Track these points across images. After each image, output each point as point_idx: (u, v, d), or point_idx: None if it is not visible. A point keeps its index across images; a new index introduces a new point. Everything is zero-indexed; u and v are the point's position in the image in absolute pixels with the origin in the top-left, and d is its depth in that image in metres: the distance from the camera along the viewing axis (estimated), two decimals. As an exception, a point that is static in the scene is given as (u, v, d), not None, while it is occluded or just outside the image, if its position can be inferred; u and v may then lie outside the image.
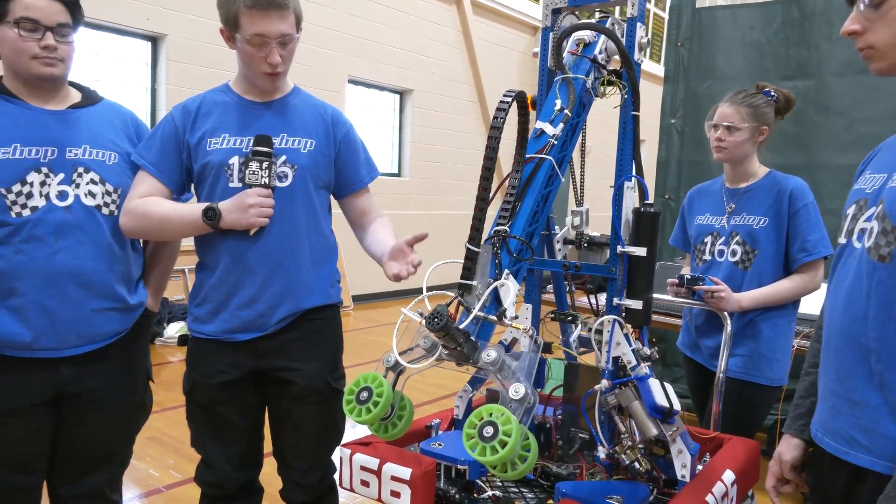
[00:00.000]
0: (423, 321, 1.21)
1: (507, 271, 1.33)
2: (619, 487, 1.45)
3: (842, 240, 1.16)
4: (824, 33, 3.44)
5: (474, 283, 1.25)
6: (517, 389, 1.16)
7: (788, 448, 1.30)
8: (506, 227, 1.32)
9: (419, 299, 1.39)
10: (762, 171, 2.13)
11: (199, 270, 1.72)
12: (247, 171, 1.59)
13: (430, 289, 1.31)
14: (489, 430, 1.10)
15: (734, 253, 2.11)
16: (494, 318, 1.24)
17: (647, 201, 1.53)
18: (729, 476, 1.57)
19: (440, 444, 1.62)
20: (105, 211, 1.66)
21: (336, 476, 1.85)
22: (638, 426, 1.48)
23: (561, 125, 1.43)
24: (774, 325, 2.05)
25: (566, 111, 1.44)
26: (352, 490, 1.57)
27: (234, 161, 1.62)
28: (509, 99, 1.27)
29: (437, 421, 1.75)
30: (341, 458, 1.62)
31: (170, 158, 1.67)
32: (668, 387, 1.50)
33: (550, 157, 1.41)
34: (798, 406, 1.32)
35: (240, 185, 1.62)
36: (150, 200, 1.63)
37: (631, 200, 1.57)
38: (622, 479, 1.52)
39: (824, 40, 3.45)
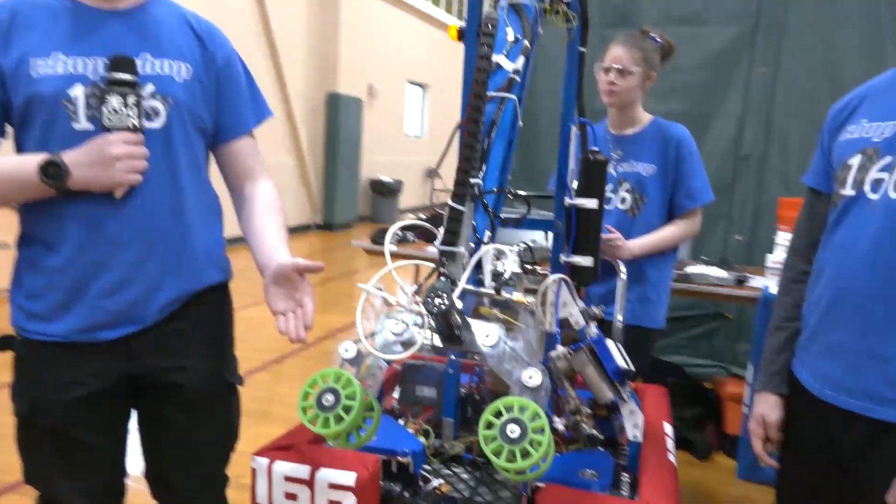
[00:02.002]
0: (420, 301, 0.97)
1: (488, 234, 1.13)
2: (583, 459, 1.36)
3: (848, 191, 1.13)
4: (646, -18, 3.60)
5: (461, 249, 1.02)
6: (532, 375, 0.97)
7: (770, 407, 1.29)
8: (479, 181, 1.10)
9: (384, 272, 1.12)
10: (646, 117, 2.13)
11: (28, 247, 1.22)
12: (105, 109, 1.13)
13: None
14: (515, 430, 0.90)
15: (623, 200, 2.10)
16: (490, 291, 1.03)
17: (592, 148, 1.41)
18: (668, 428, 1.56)
19: (369, 435, 1.39)
20: None
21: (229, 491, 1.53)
22: (593, 391, 1.39)
23: (521, 59, 1.23)
24: (659, 269, 2.11)
25: (524, 42, 1.24)
26: (270, 506, 1.28)
27: (78, 92, 1.15)
28: (495, 20, 1.03)
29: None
30: (254, 469, 1.31)
31: None
32: (620, 347, 1.42)
33: (514, 97, 1.21)
34: (772, 363, 1.30)
35: (90, 126, 1.16)
36: None
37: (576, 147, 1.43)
38: (578, 450, 1.42)
39: (645, -10, 3.61)
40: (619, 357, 1.38)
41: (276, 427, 1.48)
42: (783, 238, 2.79)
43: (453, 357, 1.43)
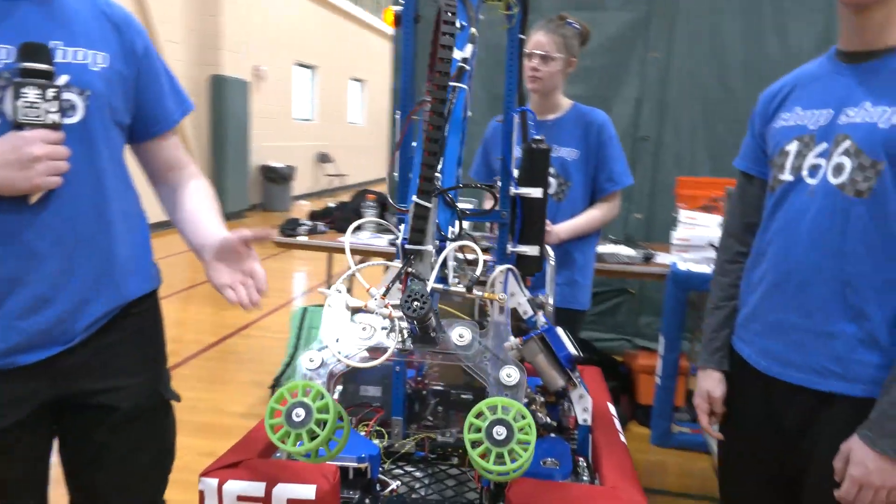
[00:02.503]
0: (390, 304, 0.93)
1: (452, 230, 1.10)
2: (540, 447, 1.36)
3: (786, 177, 1.18)
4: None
5: (428, 247, 0.99)
6: (510, 374, 0.96)
7: (714, 383, 1.34)
8: (439, 175, 1.07)
9: (347, 275, 1.07)
10: (567, 103, 2.16)
11: None
12: (19, 103, 0.98)
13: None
14: (501, 432, 0.88)
15: (548, 185, 2.12)
16: (462, 289, 1.00)
17: (535, 136, 1.40)
18: (612, 409, 1.60)
19: (320, 442, 1.32)
20: None
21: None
22: (544, 379, 1.40)
23: (469, 47, 1.19)
24: (584, 253, 2.15)
25: (472, 30, 1.20)
26: (222, 529, 1.20)
27: None
28: (454, 6, 1.00)
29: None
30: (202, 491, 1.21)
31: None
32: (568, 333, 1.44)
33: (465, 87, 1.18)
34: (713, 340, 1.35)
35: None
36: None
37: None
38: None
39: (546, -26, 3.66)
40: (570, 343, 1.39)
41: (182, 436, 1.39)
42: (684, 216, 2.94)
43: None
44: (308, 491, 1.17)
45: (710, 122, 3.73)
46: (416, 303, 0.88)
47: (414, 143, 1.36)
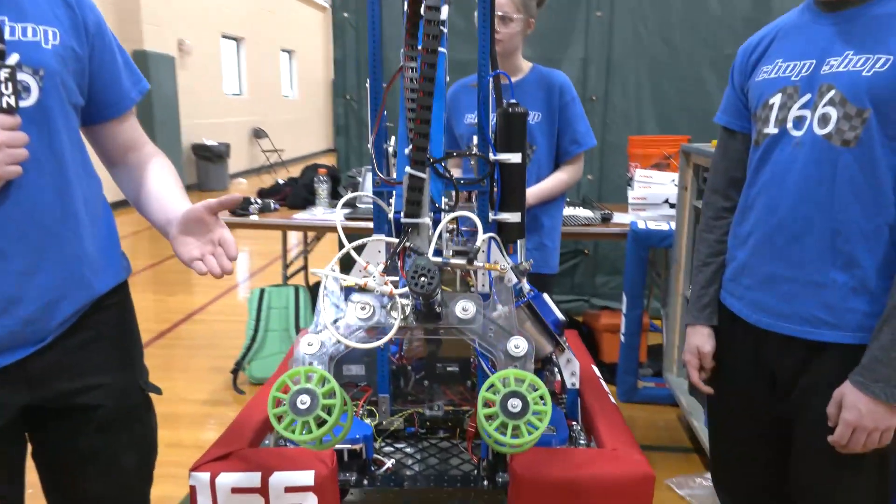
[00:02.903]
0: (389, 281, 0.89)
1: (444, 200, 1.06)
2: (533, 414, 1.36)
3: (771, 130, 1.18)
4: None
5: (425, 220, 0.95)
6: (518, 344, 0.94)
7: (703, 339, 1.34)
8: (426, 143, 1.02)
9: (341, 255, 1.02)
10: (527, 65, 2.12)
11: None
12: None
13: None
14: (516, 404, 0.87)
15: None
16: (462, 262, 0.97)
17: (511, 101, 1.37)
18: (596, 371, 1.61)
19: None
20: None
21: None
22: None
23: (445, 8, 1.14)
24: (552, 217, 2.14)
25: (447, -10, 1.16)
26: (217, 524, 1.15)
27: None
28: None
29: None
30: (194, 486, 1.17)
31: None
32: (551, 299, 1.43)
33: (445, 51, 1.14)
34: (702, 296, 1.35)
35: None
36: None
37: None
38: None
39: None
40: (557, 309, 1.39)
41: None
42: (639, 175, 2.97)
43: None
44: (306, 477, 1.14)
45: (656, 80, 3.77)
46: (423, 278, 0.85)
47: (385, 113, 1.31)
